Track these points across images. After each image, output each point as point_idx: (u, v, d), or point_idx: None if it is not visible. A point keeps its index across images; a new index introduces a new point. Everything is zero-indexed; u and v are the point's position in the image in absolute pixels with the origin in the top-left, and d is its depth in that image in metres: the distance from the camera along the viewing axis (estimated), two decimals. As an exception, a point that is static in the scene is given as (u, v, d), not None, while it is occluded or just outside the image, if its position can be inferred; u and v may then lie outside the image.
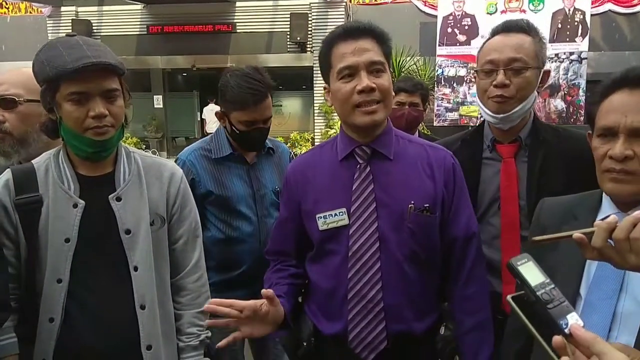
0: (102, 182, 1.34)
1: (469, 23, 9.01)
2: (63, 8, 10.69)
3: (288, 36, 10.13)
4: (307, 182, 1.41)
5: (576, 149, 1.40)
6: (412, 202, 1.31)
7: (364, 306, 1.32)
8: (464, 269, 1.36)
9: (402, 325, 1.33)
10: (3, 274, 1.25)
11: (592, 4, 8.79)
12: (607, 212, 1.02)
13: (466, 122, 9.05)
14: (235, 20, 10.54)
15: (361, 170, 1.35)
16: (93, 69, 1.21)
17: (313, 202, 1.38)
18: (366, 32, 1.30)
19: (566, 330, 0.69)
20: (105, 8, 10.84)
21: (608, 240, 0.80)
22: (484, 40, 1.57)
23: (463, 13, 9.02)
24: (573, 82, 7.91)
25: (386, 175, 1.35)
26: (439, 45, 9.08)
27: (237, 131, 1.86)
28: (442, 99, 9.11)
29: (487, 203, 1.55)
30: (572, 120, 7.84)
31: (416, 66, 9.53)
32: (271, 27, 10.39)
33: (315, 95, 10.34)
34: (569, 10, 8.47)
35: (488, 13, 9.00)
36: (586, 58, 7.94)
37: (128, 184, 1.35)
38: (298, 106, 12.27)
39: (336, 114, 1.41)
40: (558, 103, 7.94)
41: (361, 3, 10.22)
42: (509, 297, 0.74)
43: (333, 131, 9.47)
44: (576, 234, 0.81)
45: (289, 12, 9.96)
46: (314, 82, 10.08)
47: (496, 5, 8.96)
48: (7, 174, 1.32)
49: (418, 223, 1.32)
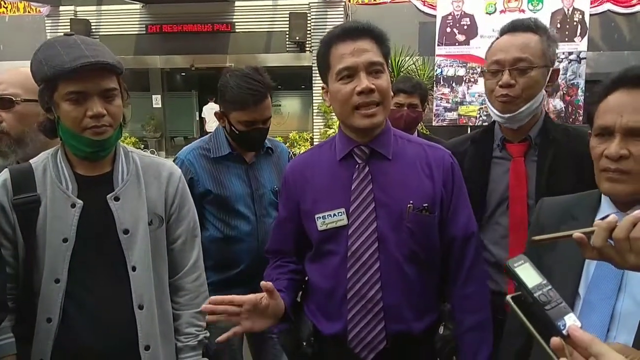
0: (100, 182, 1.33)
1: (468, 23, 9.01)
2: (61, 7, 10.68)
3: (287, 36, 10.13)
4: (306, 182, 1.41)
5: (586, 148, 1.40)
6: (411, 202, 1.31)
7: (364, 306, 1.32)
8: (463, 269, 1.36)
9: (402, 325, 1.33)
10: (1, 274, 1.24)
11: (591, 4, 8.79)
12: (606, 212, 1.02)
13: (465, 122, 9.06)
14: (234, 19, 10.54)
15: (360, 170, 1.35)
16: (91, 69, 1.20)
17: (312, 202, 1.38)
18: (365, 33, 1.30)
19: (564, 331, 0.69)
20: (103, 7, 10.83)
21: (608, 239, 0.80)
22: (494, 39, 1.57)
23: (462, 13, 9.03)
24: (572, 82, 7.92)
25: (385, 175, 1.34)
26: (438, 45, 9.08)
27: (237, 131, 1.85)
28: (441, 99, 9.11)
29: (496, 202, 1.54)
30: (571, 120, 7.85)
31: (415, 66, 9.54)
32: (270, 27, 10.39)
33: (314, 95, 10.35)
34: (568, 10, 8.48)
35: (487, 13, 9.00)
36: (585, 58, 7.95)
37: (126, 184, 1.35)
38: (297, 106, 12.26)
39: (335, 115, 1.40)
40: (557, 103, 7.95)
41: (360, 3, 10.22)
42: (509, 297, 0.74)
43: (332, 131, 9.47)
44: (576, 234, 0.81)
45: (288, 12, 9.96)
46: (313, 82, 10.08)
47: (495, 5, 8.96)
48: (5, 174, 1.31)
49: (417, 223, 1.32)
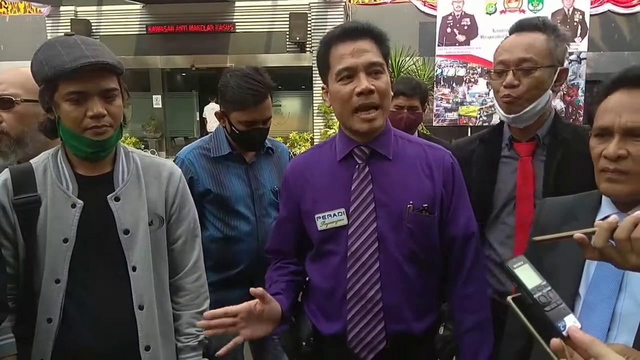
0: (101, 182, 1.33)
1: (469, 23, 9.01)
2: (62, 8, 10.69)
3: (287, 36, 10.13)
4: (306, 182, 1.41)
5: None
6: (411, 202, 1.31)
7: (363, 306, 1.32)
8: (463, 269, 1.36)
9: (401, 325, 1.33)
10: (1, 274, 1.24)
11: (592, 4, 8.79)
12: (607, 212, 1.02)
13: (465, 122, 9.05)
14: (234, 20, 10.54)
15: (360, 170, 1.35)
16: (91, 69, 1.20)
17: (312, 203, 1.38)
18: (365, 33, 1.30)
19: (564, 332, 0.69)
20: (104, 8, 10.84)
21: (609, 240, 0.80)
22: (499, 39, 1.58)
23: (462, 13, 9.02)
24: (572, 82, 7.92)
25: (385, 175, 1.34)
26: (438, 45, 9.08)
27: (237, 131, 1.85)
28: (441, 99, 9.11)
29: (503, 202, 1.53)
30: (571, 120, 7.85)
31: (415, 66, 9.54)
32: (270, 27, 10.40)
33: (314, 95, 10.35)
34: (568, 10, 8.48)
35: (487, 13, 9.00)
36: (585, 58, 7.95)
37: (127, 184, 1.35)
38: (297, 106, 12.26)
39: (335, 115, 1.40)
40: (557, 103, 7.95)
41: (360, 3, 10.23)
42: (509, 298, 0.74)
43: (332, 131, 9.47)
44: (577, 234, 0.81)
45: (288, 12, 9.96)
46: (313, 82, 10.08)
47: (495, 5, 8.95)
48: (5, 174, 1.31)
49: (417, 223, 1.31)
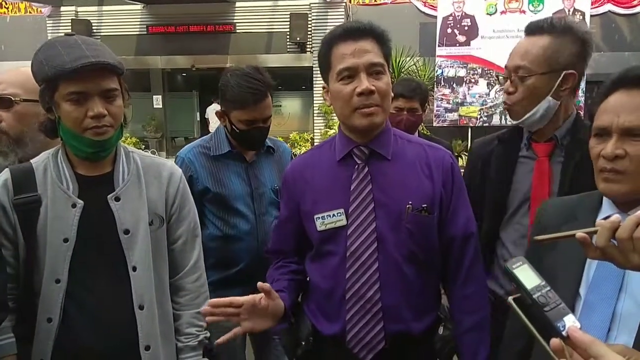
0: (101, 182, 1.33)
1: (469, 24, 9.01)
2: (63, 8, 10.69)
3: (288, 36, 10.12)
4: (306, 183, 1.41)
5: None
6: (410, 203, 1.31)
7: (362, 306, 1.32)
8: (463, 269, 1.36)
9: (400, 325, 1.33)
10: (1, 274, 1.24)
11: (592, 5, 8.79)
12: (608, 213, 1.02)
13: (466, 123, 9.05)
14: (235, 20, 10.54)
15: (359, 170, 1.35)
16: (92, 69, 1.20)
17: (311, 203, 1.38)
18: (366, 33, 1.29)
19: (563, 332, 0.69)
20: (105, 8, 10.84)
21: (611, 239, 0.80)
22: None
23: (463, 14, 9.02)
24: (572, 83, 7.90)
25: (384, 175, 1.34)
26: (439, 45, 9.08)
27: (237, 130, 1.86)
28: (442, 100, 9.11)
29: (519, 202, 1.51)
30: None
31: (416, 67, 9.54)
32: (271, 28, 10.39)
33: (314, 95, 10.34)
34: (569, 11, 8.47)
35: (488, 14, 8.99)
36: (586, 59, 7.93)
37: (127, 184, 1.35)
38: (297, 106, 12.25)
39: (336, 115, 1.40)
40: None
41: (361, 3, 10.23)
42: (510, 299, 0.74)
43: (332, 131, 9.47)
44: (579, 234, 0.81)
45: (289, 13, 9.96)
46: (314, 83, 10.08)
47: (496, 5, 8.95)
48: (6, 174, 1.31)
49: (416, 223, 1.31)
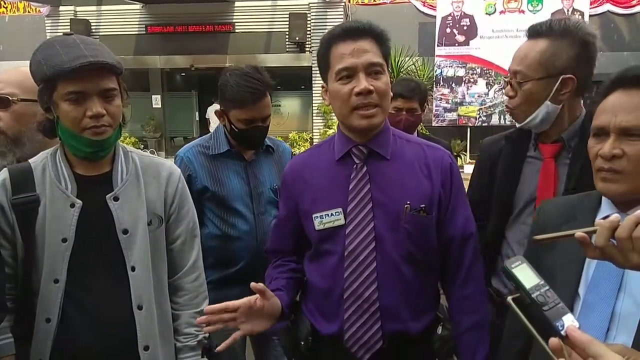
0: (100, 182, 1.33)
1: (468, 23, 9.01)
2: (61, 8, 10.68)
3: (287, 36, 10.13)
4: (304, 182, 1.41)
5: None
6: (408, 202, 1.30)
7: (360, 306, 1.32)
8: (462, 269, 1.36)
9: (398, 325, 1.33)
10: (0, 274, 1.24)
11: (591, 5, 8.80)
12: (607, 212, 1.01)
13: (465, 123, 9.05)
14: (234, 20, 10.53)
15: (358, 170, 1.34)
16: (90, 68, 1.20)
17: (310, 202, 1.38)
18: (365, 33, 1.29)
19: (562, 332, 0.69)
20: (103, 8, 10.83)
21: (610, 239, 0.80)
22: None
23: (462, 13, 9.03)
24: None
25: (383, 175, 1.34)
26: (438, 45, 9.08)
27: (236, 129, 1.86)
28: (441, 99, 9.11)
29: (525, 202, 1.51)
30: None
31: (415, 66, 9.54)
32: (270, 27, 10.39)
33: (313, 95, 10.34)
34: (568, 10, 8.48)
35: (487, 13, 9.00)
36: (585, 58, 7.94)
37: (125, 184, 1.35)
38: (297, 106, 12.25)
39: (334, 115, 1.40)
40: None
41: (360, 3, 10.23)
42: (509, 299, 0.74)
43: (331, 131, 9.47)
44: (579, 233, 0.81)
45: (288, 12, 9.96)
46: (313, 82, 10.08)
47: (495, 5, 8.96)
48: (4, 174, 1.31)
49: (414, 223, 1.31)
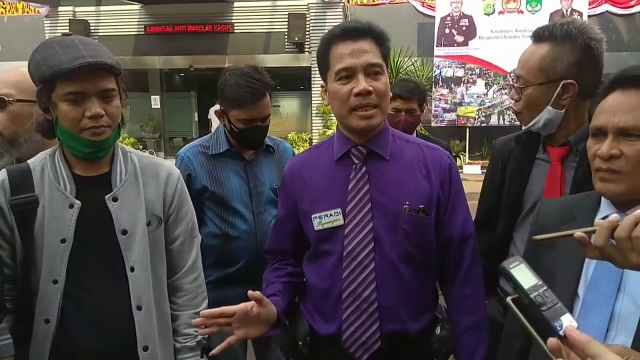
0: (99, 182, 1.33)
1: (467, 24, 9.03)
2: (60, 8, 10.69)
3: (286, 37, 10.14)
4: (304, 182, 1.41)
5: None
6: (407, 203, 1.31)
7: (358, 306, 1.31)
8: (461, 270, 1.36)
9: (397, 325, 1.33)
10: (-1, 275, 1.24)
11: (590, 5, 8.82)
12: (606, 212, 1.01)
13: (464, 123, 9.07)
14: (233, 20, 10.54)
15: (357, 170, 1.34)
16: (89, 69, 1.20)
17: (309, 202, 1.38)
18: (365, 33, 1.29)
19: (560, 332, 0.69)
20: (102, 8, 10.84)
21: (609, 239, 0.80)
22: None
23: (461, 14, 9.04)
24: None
25: (382, 175, 1.34)
26: (437, 45, 9.10)
27: (236, 129, 1.87)
28: (440, 100, 9.12)
29: (532, 203, 1.50)
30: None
31: (414, 67, 9.56)
32: (269, 28, 10.41)
33: (313, 95, 10.36)
34: (567, 11, 8.50)
35: (486, 14, 9.01)
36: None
37: (124, 184, 1.34)
38: (296, 107, 12.26)
39: (334, 115, 1.40)
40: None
41: (359, 4, 10.24)
42: (509, 299, 0.74)
43: (331, 132, 9.48)
44: (578, 233, 0.81)
45: (287, 13, 9.97)
46: (312, 83, 10.09)
47: (494, 6, 8.98)
48: (2, 174, 1.31)
49: (413, 224, 1.31)
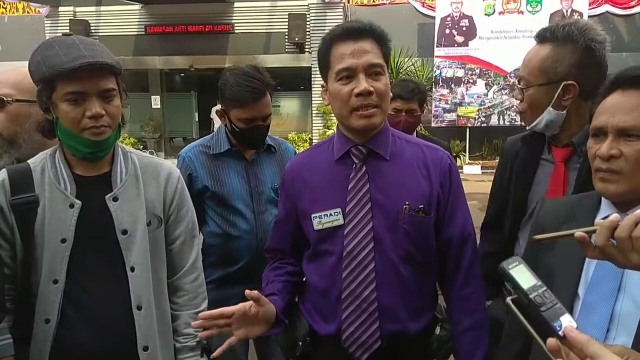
0: (99, 182, 1.33)
1: (467, 24, 9.03)
2: (61, 8, 10.70)
3: (286, 37, 10.15)
4: (304, 182, 1.41)
5: None
6: (407, 203, 1.31)
7: (358, 306, 1.31)
8: (461, 270, 1.36)
9: (397, 325, 1.33)
10: (-1, 275, 1.24)
11: (590, 5, 8.83)
12: (606, 212, 1.01)
13: (464, 123, 9.07)
14: (233, 20, 10.55)
15: (357, 170, 1.34)
16: (90, 69, 1.20)
17: (309, 202, 1.38)
18: (366, 33, 1.29)
19: (560, 332, 0.69)
20: (103, 8, 10.85)
21: (610, 239, 0.80)
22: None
23: (461, 14, 9.04)
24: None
25: (382, 175, 1.34)
26: (437, 46, 9.10)
27: (237, 129, 1.87)
28: (440, 100, 9.12)
29: (536, 204, 1.49)
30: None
31: (414, 67, 9.56)
32: (269, 28, 10.41)
33: (313, 95, 10.36)
34: (567, 11, 8.51)
35: (486, 14, 9.01)
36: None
37: (125, 184, 1.34)
38: (296, 107, 12.27)
39: (334, 115, 1.40)
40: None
41: (359, 4, 10.25)
42: (508, 299, 0.74)
43: (331, 132, 9.48)
44: (578, 233, 0.81)
45: (287, 13, 9.97)
46: (312, 83, 10.10)
47: (494, 6, 8.98)
48: (3, 174, 1.31)
49: (413, 224, 1.31)
